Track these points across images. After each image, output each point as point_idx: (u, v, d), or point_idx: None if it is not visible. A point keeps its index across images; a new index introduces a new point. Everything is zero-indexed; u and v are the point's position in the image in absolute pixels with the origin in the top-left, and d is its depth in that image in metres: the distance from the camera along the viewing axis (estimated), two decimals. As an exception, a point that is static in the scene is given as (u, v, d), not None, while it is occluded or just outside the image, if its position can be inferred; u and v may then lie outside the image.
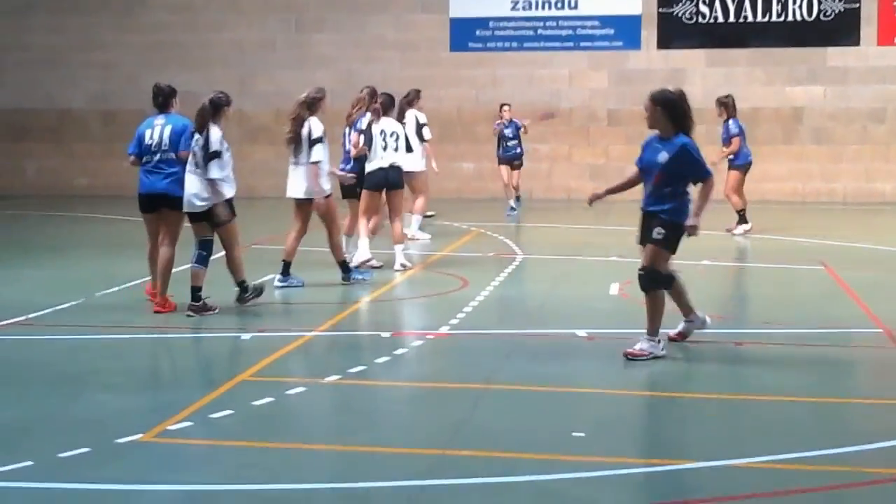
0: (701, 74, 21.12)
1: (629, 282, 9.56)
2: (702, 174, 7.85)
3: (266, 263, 11.43)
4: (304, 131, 10.57)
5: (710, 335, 8.42)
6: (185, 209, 9.57)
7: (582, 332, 8.69)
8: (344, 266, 11.00)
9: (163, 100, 9.94)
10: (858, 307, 9.85)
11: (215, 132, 9.51)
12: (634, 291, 8.47)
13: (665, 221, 7.77)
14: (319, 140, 10.55)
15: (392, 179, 11.69)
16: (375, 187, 11.70)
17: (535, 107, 21.32)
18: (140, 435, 5.97)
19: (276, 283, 10.78)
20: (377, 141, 11.64)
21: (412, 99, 14.26)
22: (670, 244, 7.84)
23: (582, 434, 6.09)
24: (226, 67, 21.63)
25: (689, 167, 7.80)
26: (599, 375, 7.44)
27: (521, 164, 18.36)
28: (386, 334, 8.69)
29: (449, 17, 21.57)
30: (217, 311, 9.46)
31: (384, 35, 21.67)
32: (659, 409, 6.83)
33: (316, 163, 10.52)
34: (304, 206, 10.77)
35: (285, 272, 10.85)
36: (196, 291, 9.39)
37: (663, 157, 7.76)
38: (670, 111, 7.80)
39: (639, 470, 5.56)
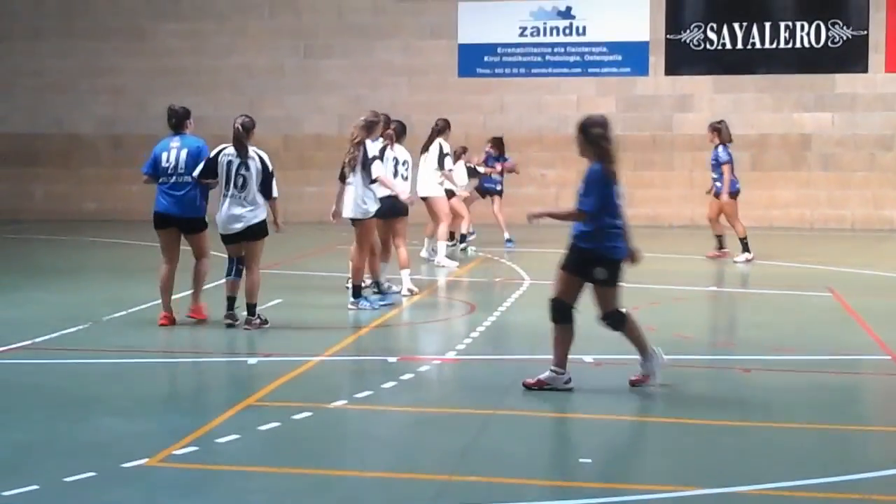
0: (708, 100, 21.16)
1: (637, 308, 9.54)
2: (580, 204, 7.53)
3: (275, 289, 11.42)
4: (360, 153, 10.87)
5: (719, 362, 8.38)
6: (226, 231, 9.95)
7: (589, 358, 8.65)
8: (356, 290, 11.00)
9: (177, 121, 10.20)
10: (867, 334, 9.81)
11: (264, 154, 10.09)
12: (643, 317, 8.44)
13: (593, 257, 7.57)
14: (376, 158, 10.98)
15: (398, 207, 11.70)
16: (383, 215, 11.67)
17: (542, 133, 21.37)
18: (146, 459, 5.95)
19: (366, 306, 10.93)
20: (389, 168, 11.67)
21: (442, 129, 14.77)
22: (612, 280, 7.61)
23: (589, 460, 6.07)
24: (234, 92, 21.73)
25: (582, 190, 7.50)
26: (607, 402, 7.41)
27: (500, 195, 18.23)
28: (393, 359, 8.67)
29: (457, 43, 21.67)
30: (238, 322, 9.96)
31: (392, 61, 21.76)
32: (667, 436, 6.79)
33: (374, 180, 10.92)
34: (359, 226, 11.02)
35: (356, 294, 10.99)
36: (232, 301, 9.96)
37: (581, 185, 7.57)
38: (586, 137, 7.53)
39: (646, 496, 5.53)
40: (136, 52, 22.32)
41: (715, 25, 21.35)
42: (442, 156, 14.65)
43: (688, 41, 21.34)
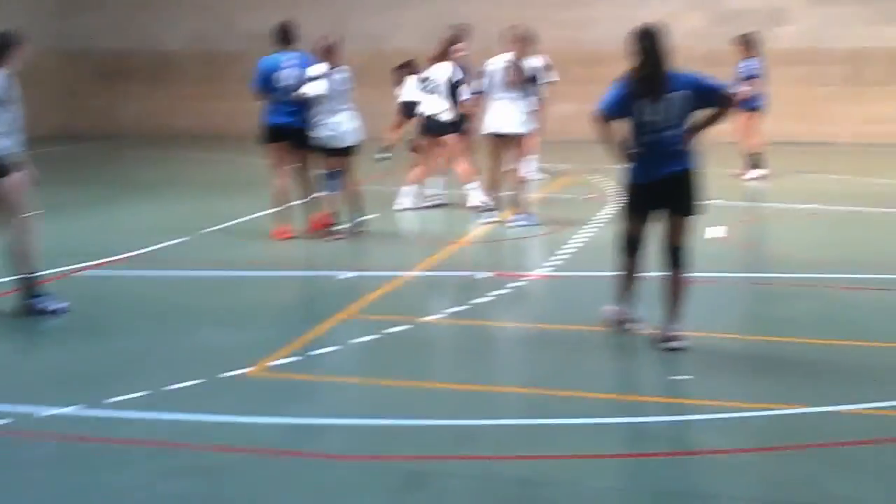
0: (802, 14, 20.58)
1: (726, 227, 9.42)
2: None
3: (370, 203, 11.49)
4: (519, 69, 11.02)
5: (813, 280, 8.26)
6: (339, 144, 10.18)
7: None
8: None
9: (286, 36, 10.42)
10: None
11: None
12: (733, 235, 8.33)
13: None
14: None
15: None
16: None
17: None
18: (247, 369, 6.09)
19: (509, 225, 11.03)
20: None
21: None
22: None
23: (680, 377, 6.06)
24: (320, 7, 21.66)
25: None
26: (698, 319, 7.36)
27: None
28: (486, 274, 8.70)
29: (546, -43, 21.29)
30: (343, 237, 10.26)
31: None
32: (763, 354, 6.73)
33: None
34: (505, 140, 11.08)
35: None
36: (338, 215, 10.28)
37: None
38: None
39: (747, 414, 5.51)
40: (223, -32, 22.33)
41: (813, -65, 20.66)
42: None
43: (784, -48, 20.70)
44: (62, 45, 22.68)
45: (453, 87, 11.45)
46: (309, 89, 10.04)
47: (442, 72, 11.55)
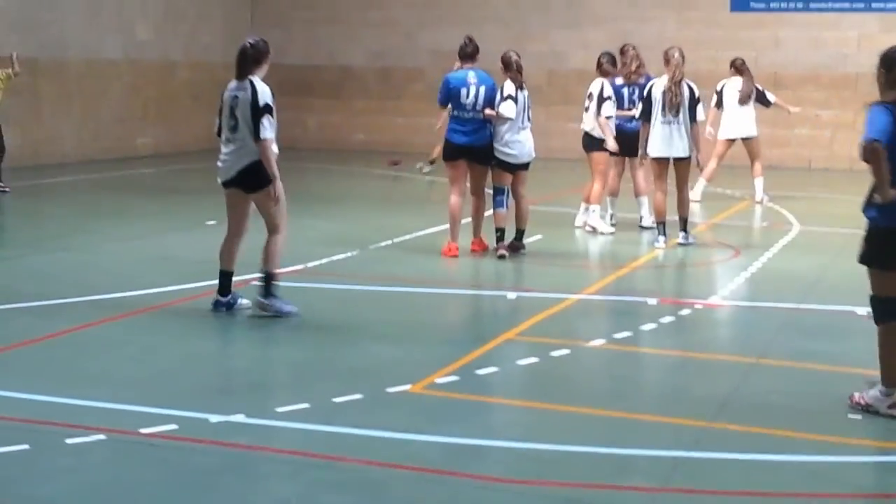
0: None
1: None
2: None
3: (536, 224, 11.47)
4: (686, 91, 11.08)
5: None
6: (518, 162, 10.35)
7: (862, 311, 8.25)
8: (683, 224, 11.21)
9: (472, 51, 10.57)
10: None
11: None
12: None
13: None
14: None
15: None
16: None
17: (818, 71, 20.39)
18: (409, 385, 6.13)
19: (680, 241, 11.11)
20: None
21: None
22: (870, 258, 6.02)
23: (859, 417, 5.80)
24: (500, 26, 21.78)
25: None
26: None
27: None
28: (653, 301, 8.55)
29: (730, -23, 20.86)
30: (524, 251, 10.41)
31: (661, -6, 21.22)
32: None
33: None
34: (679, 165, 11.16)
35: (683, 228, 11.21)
36: (503, 233, 10.32)
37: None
38: (889, 72, 5.95)
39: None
40: (406, -14, 22.71)
41: None
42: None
43: None
44: (250, 59, 23.47)
45: (599, 104, 11.49)
46: (505, 109, 10.15)
47: (595, 87, 11.58)
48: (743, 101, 14.78)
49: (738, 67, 15.06)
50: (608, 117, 11.46)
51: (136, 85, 20.37)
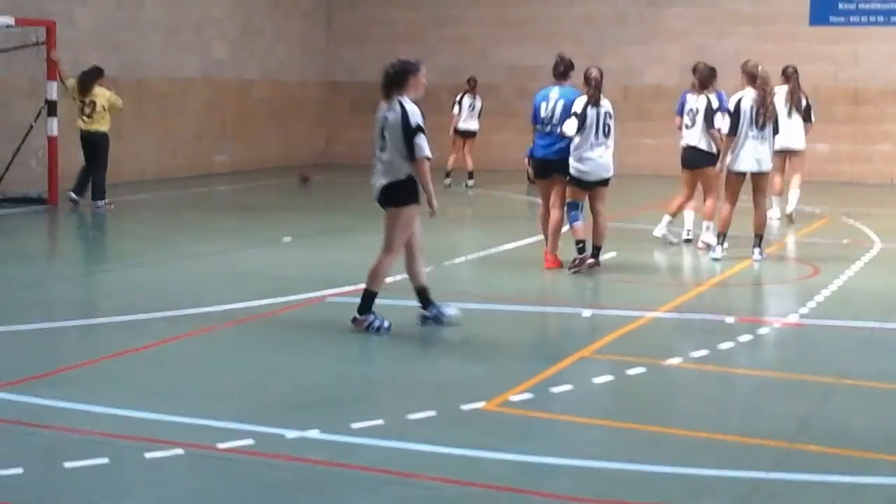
0: None
1: None
2: None
3: (611, 241, 11.40)
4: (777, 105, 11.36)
5: None
6: (591, 178, 10.31)
7: (946, 330, 8.08)
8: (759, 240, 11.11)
9: (563, 69, 10.59)
10: None
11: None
12: None
13: None
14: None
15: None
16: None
17: (899, 85, 20.00)
18: (483, 403, 6.11)
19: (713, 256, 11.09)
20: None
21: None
22: None
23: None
24: (575, 42, 21.71)
25: None
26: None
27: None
28: (731, 319, 8.43)
29: (810, -10, 20.58)
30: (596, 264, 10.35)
31: (739, 8, 21.00)
32: None
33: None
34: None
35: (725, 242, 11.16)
36: (584, 245, 10.29)
37: None
38: None
39: None
40: (480, 3, 22.75)
41: None
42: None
43: None
44: (327, 77, 23.75)
45: (710, 118, 11.48)
46: (566, 127, 10.17)
47: (702, 102, 11.54)
48: (790, 111, 13.98)
49: (789, 76, 14.27)
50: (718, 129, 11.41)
51: (213, 103, 20.66)
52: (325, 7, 23.84)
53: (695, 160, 11.70)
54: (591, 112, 10.22)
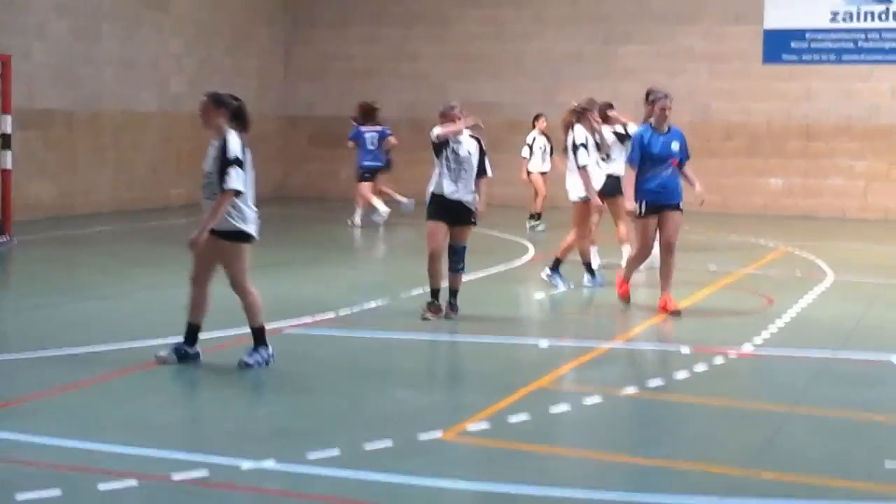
0: None
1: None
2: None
3: (565, 272, 11.46)
4: (570, 139, 11.32)
5: None
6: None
7: (897, 359, 8.18)
8: (556, 264, 11.38)
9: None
10: None
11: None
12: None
13: None
14: (583, 145, 11.27)
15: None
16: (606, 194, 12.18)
17: (851, 122, 20.32)
18: (440, 433, 6.10)
19: (585, 284, 11.36)
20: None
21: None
22: None
23: (896, 466, 5.72)
24: (532, 79, 21.90)
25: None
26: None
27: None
28: (686, 349, 8.49)
29: (763, 29, 20.90)
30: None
31: (693, 47, 21.28)
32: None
33: (581, 168, 11.22)
34: (577, 208, 11.43)
35: (554, 269, 11.39)
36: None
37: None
38: None
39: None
40: (438, 39, 22.88)
41: None
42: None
43: None
44: (284, 111, 23.76)
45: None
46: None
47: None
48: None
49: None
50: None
51: (169, 136, 20.59)
52: (283, 42, 23.89)
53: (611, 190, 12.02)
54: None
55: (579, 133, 11.29)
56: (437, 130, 9.53)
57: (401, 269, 12.77)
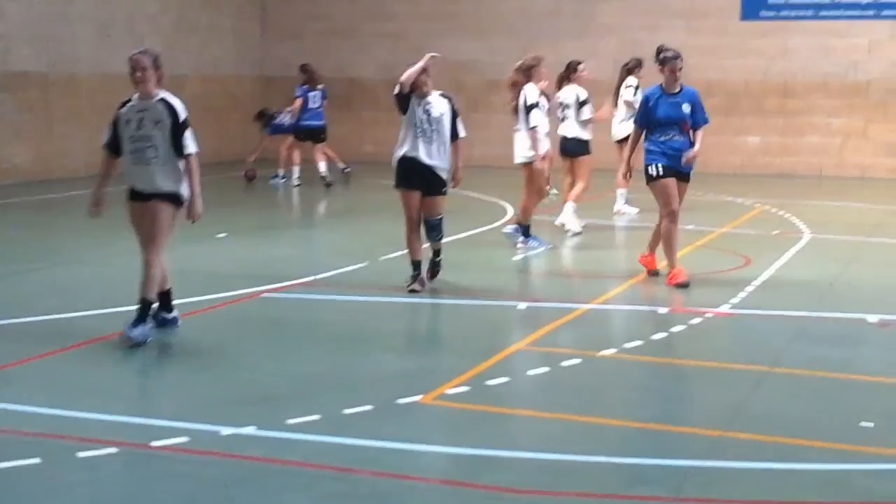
0: None
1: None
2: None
3: (544, 235, 11.47)
4: (521, 98, 11.23)
5: None
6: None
7: (873, 318, 8.24)
8: (525, 230, 11.37)
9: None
10: None
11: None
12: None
13: None
14: (535, 105, 11.17)
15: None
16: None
17: (828, 79, 20.33)
18: (420, 396, 6.12)
19: (518, 244, 11.35)
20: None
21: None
22: None
23: (871, 424, 5.78)
24: (510, 36, 21.78)
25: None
26: (891, 364, 7.03)
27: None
28: (664, 310, 8.53)
29: (741, -15, 20.82)
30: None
31: (671, 4, 21.21)
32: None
33: (533, 128, 11.14)
34: (527, 169, 11.38)
35: (525, 234, 11.38)
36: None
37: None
38: None
39: (934, 467, 5.21)
40: (416, -2, 22.74)
41: None
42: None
43: None
44: (262, 72, 23.60)
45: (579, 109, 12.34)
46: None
47: (571, 95, 12.40)
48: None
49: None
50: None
51: (146, 99, 20.42)
52: (260, 2, 23.68)
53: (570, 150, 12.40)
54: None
55: (532, 93, 11.25)
56: (402, 77, 9.19)
57: (380, 232, 12.75)
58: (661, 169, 9.40)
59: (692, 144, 9.46)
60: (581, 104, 12.44)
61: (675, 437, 5.63)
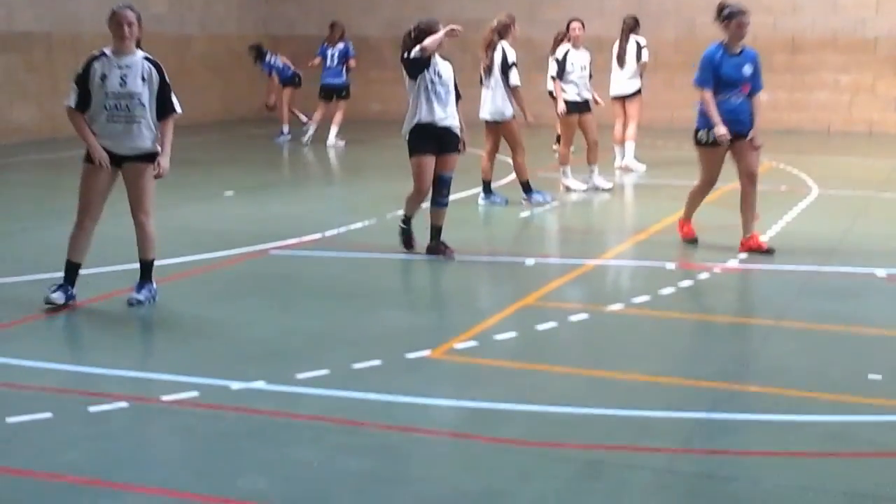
0: None
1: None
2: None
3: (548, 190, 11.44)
4: (498, 57, 11.23)
5: None
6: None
7: (881, 272, 8.23)
8: (525, 186, 11.43)
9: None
10: None
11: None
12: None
13: None
14: (515, 64, 11.20)
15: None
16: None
17: (837, 35, 20.19)
18: (428, 351, 6.14)
19: (479, 202, 11.48)
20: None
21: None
22: None
23: (879, 377, 5.79)
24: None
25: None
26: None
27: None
28: (671, 265, 8.53)
29: (748, -60, 20.62)
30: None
31: (679, -41, 21.02)
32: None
33: (515, 87, 11.18)
34: (493, 128, 11.44)
35: (486, 191, 11.54)
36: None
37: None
38: None
39: (942, 419, 5.23)
40: (422, -46, 22.57)
41: None
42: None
43: None
44: (267, 31, 23.49)
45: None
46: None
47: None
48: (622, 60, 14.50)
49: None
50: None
51: (151, 58, 20.35)
52: (264, -40, 23.56)
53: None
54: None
55: (510, 51, 11.23)
56: (425, 43, 8.78)
57: (387, 189, 12.73)
58: (713, 136, 8.92)
59: (749, 107, 9.07)
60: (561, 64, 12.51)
61: (682, 390, 5.65)
